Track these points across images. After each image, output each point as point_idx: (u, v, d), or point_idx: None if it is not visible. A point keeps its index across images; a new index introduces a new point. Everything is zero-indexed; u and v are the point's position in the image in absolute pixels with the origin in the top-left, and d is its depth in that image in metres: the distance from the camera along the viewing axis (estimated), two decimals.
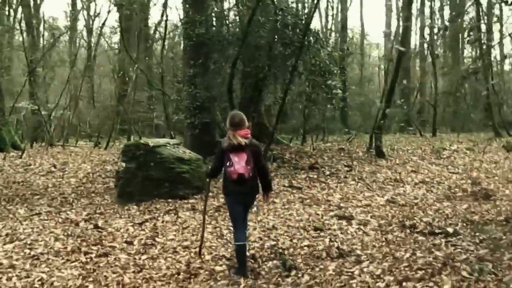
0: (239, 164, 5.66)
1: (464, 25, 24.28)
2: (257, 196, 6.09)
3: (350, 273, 5.41)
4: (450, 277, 4.70)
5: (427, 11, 32.18)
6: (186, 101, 13.96)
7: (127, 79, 24.71)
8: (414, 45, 30.04)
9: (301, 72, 13.76)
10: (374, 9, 69.25)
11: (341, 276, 5.36)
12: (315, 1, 13.44)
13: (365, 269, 5.43)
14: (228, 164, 5.71)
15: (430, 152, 15.03)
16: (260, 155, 5.98)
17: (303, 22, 13.11)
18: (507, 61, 31.44)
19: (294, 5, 14.16)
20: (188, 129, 14.34)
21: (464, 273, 4.75)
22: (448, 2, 30.71)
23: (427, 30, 31.77)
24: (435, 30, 27.55)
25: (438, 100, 26.93)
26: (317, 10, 28.08)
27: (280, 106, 13.57)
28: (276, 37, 13.46)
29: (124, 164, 10.67)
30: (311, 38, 13.30)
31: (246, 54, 13.81)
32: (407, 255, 5.68)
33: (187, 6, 14.34)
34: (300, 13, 13.74)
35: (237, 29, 14.04)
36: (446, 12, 32.14)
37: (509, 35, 23.24)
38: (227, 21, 14.47)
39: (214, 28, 13.87)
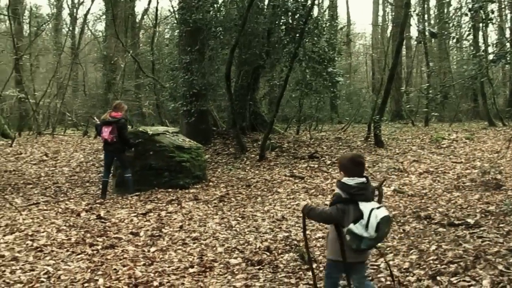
0: (106, 132, 9.29)
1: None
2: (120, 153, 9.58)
3: (376, 266, 5.15)
4: (487, 272, 4.45)
5: None
6: (182, 88, 13.57)
7: (116, 66, 24.13)
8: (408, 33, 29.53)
9: (301, 59, 13.44)
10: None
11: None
12: None
13: (390, 262, 5.17)
14: (102, 132, 9.39)
15: (429, 142, 14.82)
16: (122, 129, 9.39)
17: (304, 7, 12.78)
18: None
19: None
20: (184, 117, 13.98)
21: (501, 267, 4.50)
22: None
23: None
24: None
25: (429, 89, 26.61)
26: None
27: (280, 94, 13.28)
28: (276, 23, 13.13)
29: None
30: (310, 25, 13.00)
31: (243, 41, 13.47)
32: (433, 247, 5.42)
33: None
34: None
35: (235, 15, 13.64)
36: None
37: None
38: (223, 7, 14.04)
39: (210, 14, 13.46)
